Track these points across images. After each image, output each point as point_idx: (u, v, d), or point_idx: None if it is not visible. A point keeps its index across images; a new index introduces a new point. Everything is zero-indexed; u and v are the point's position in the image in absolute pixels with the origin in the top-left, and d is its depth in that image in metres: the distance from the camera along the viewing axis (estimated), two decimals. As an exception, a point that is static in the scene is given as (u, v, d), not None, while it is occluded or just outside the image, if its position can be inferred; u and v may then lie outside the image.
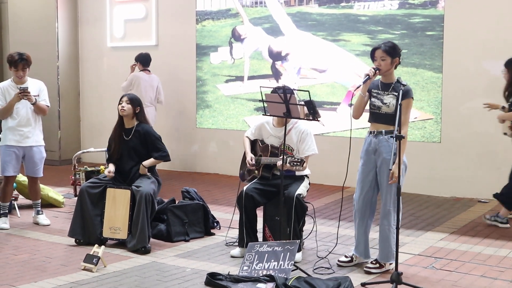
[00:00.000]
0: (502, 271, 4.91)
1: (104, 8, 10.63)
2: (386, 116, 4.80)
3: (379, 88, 4.86)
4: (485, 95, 7.69)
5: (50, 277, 4.79)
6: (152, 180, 5.72)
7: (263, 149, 5.49)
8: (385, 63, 4.77)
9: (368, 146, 4.92)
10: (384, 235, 4.89)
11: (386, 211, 4.85)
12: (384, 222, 4.88)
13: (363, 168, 4.97)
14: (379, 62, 4.78)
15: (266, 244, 4.82)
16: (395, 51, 4.80)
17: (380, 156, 4.83)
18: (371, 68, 4.79)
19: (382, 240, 4.91)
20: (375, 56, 4.82)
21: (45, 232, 6.17)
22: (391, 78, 4.84)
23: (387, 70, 4.80)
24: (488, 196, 7.59)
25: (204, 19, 9.76)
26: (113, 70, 10.67)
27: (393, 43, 4.88)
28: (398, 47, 4.86)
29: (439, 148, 7.95)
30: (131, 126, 5.83)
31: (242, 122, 9.39)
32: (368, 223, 5.01)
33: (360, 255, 5.04)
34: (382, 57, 4.77)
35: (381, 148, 4.81)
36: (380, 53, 4.78)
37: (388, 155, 4.70)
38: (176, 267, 5.05)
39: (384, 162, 4.80)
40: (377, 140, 4.85)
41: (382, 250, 4.93)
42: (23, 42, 10.58)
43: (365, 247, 5.03)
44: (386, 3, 8.30)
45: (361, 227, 5.02)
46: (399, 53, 4.83)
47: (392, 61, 4.79)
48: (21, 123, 6.25)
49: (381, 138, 4.83)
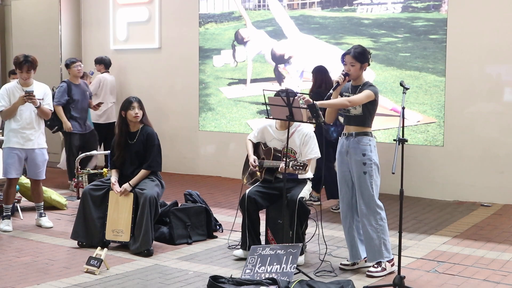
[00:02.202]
0: (505, 275, 4.90)
1: (107, 11, 10.66)
2: (355, 118, 4.93)
3: (349, 91, 4.99)
4: (488, 99, 7.70)
5: (53, 279, 4.80)
6: (156, 183, 5.72)
7: (266, 152, 5.49)
8: (354, 69, 4.90)
9: (341, 147, 5.05)
10: (366, 235, 4.96)
11: (362, 211, 4.93)
12: (364, 223, 4.94)
13: (339, 169, 5.10)
14: (348, 67, 4.91)
15: (268, 247, 4.82)
16: (364, 56, 4.91)
17: (351, 158, 4.94)
18: (340, 74, 4.91)
19: (365, 240, 4.98)
20: (345, 61, 4.93)
21: (47, 235, 6.18)
22: (360, 81, 4.97)
23: (357, 75, 4.93)
24: (491, 200, 7.59)
25: (207, 22, 9.77)
26: (116, 72, 10.67)
27: (362, 48, 4.98)
28: (367, 51, 4.97)
29: (442, 151, 7.94)
30: (136, 129, 5.83)
31: (245, 125, 9.39)
32: (350, 224, 5.07)
33: (351, 258, 5.08)
34: (351, 62, 4.90)
35: (351, 150, 4.93)
36: (350, 59, 4.91)
37: (358, 156, 4.86)
38: (179, 270, 5.05)
39: (354, 163, 4.91)
40: (348, 142, 4.96)
41: (367, 251, 4.99)
42: (26, 45, 10.61)
43: (351, 248, 5.08)
44: (389, 7, 8.30)
45: (345, 228, 5.12)
46: (367, 58, 4.95)
47: (361, 66, 4.91)
48: (24, 125, 6.26)
49: (351, 140, 4.93)
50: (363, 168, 4.88)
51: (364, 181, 4.89)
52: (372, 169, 4.87)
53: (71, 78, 8.45)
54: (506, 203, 7.51)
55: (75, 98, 8.35)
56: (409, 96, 7.89)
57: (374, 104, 4.92)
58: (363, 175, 4.88)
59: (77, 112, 8.36)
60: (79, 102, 8.38)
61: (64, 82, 8.44)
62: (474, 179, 7.76)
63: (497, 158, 7.63)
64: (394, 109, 8.06)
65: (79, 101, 8.38)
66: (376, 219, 4.89)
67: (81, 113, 8.45)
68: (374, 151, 4.93)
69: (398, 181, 4.51)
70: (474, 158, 7.77)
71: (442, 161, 7.95)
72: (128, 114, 5.75)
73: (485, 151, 7.69)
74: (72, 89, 8.35)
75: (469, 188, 7.77)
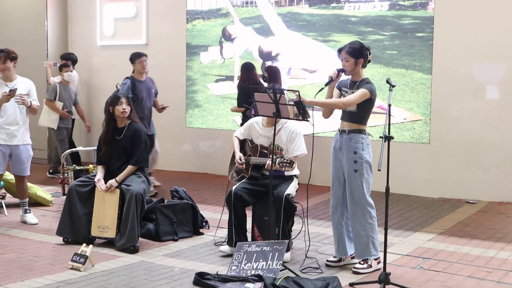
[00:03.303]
0: (490, 272, 4.94)
1: (94, 7, 10.59)
2: (349, 114, 4.92)
3: (347, 86, 4.99)
4: (474, 97, 7.75)
5: (37, 276, 4.76)
6: (143, 179, 5.70)
7: (252, 149, 5.48)
8: (348, 64, 4.89)
9: (335, 143, 5.05)
10: (354, 232, 4.97)
11: (351, 208, 4.94)
12: (353, 220, 4.96)
13: (332, 165, 5.10)
14: (344, 63, 4.91)
15: (254, 244, 4.82)
16: (359, 52, 4.89)
17: (343, 155, 4.94)
18: (335, 70, 4.91)
19: (354, 238, 5.00)
20: (341, 57, 4.93)
21: (32, 231, 6.13)
22: (358, 77, 4.95)
23: (351, 70, 4.91)
24: (476, 197, 7.64)
25: (195, 19, 9.74)
26: (102, 68, 10.63)
27: (359, 44, 4.97)
28: (365, 47, 4.93)
29: (428, 149, 7.98)
30: (123, 125, 5.81)
31: (232, 122, 9.38)
32: (339, 219, 5.07)
33: (337, 253, 5.08)
34: (346, 58, 4.90)
35: (344, 147, 4.93)
36: (344, 54, 4.91)
37: (350, 154, 4.86)
38: (165, 267, 5.03)
39: (346, 160, 4.92)
40: (341, 139, 4.96)
41: (356, 248, 5.01)
42: (12, 40, 10.49)
43: (338, 243, 5.09)
44: (376, 4, 8.32)
45: (333, 223, 5.12)
46: (364, 54, 4.91)
47: (356, 62, 4.88)
48: (8, 121, 6.20)
49: (344, 136, 4.94)
50: (353, 166, 4.87)
51: (355, 179, 4.89)
52: (363, 167, 4.86)
53: (135, 74, 7.66)
54: (491, 200, 7.56)
55: (140, 95, 7.51)
56: (395, 94, 7.92)
57: (369, 102, 4.89)
58: (354, 173, 4.88)
59: (141, 111, 7.36)
60: (143, 100, 7.56)
61: (128, 79, 7.58)
62: (460, 177, 7.81)
63: (482, 155, 7.68)
64: (381, 107, 8.07)
65: (143, 99, 7.56)
66: (365, 217, 4.89)
67: (146, 113, 7.61)
68: (367, 149, 4.91)
69: (384, 178, 4.53)
70: (459, 156, 7.81)
71: (428, 158, 7.99)
72: (116, 110, 5.75)
73: (471, 148, 7.74)
74: (136, 86, 7.52)
75: (454, 185, 7.82)
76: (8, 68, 6.20)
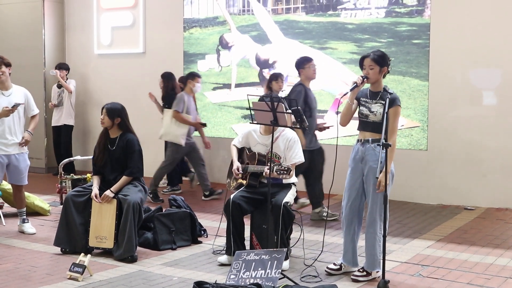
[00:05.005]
0: (489, 279, 4.93)
1: (91, 15, 10.60)
2: (373, 124, 4.82)
3: (367, 96, 4.87)
4: (471, 103, 7.77)
5: (35, 286, 4.75)
6: (139, 189, 5.68)
7: (250, 157, 5.48)
8: (373, 72, 4.78)
9: (355, 154, 4.93)
10: (370, 243, 4.89)
11: (372, 219, 4.86)
12: (370, 230, 4.88)
13: (350, 176, 4.98)
14: (367, 71, 4.79)
15: (253, 253, 4.81)
16: (384, 60, 4.81)
17: (366, 165, 4.84)
18: (359, 76, 4.80)
19: (368, 248, 4.91)
20: (364, 65, 4.83)
21: (30, 241, 6.11)
22: (379, 87, 4.85)
23: (376, 79, 4.81)
24: (474, 203, 7.64)
25: (192, 27, 9.76)
26: (100, 77, 10.63)
27: (382, 52, 4.89)
28: (387, 56, 4.87)
29: (426, 155, 7.99)
30: (115, 136, 5.78)
31: (230, 129, 9.38)
32: (355, 231, 5.01)
33: (348, 263, 5.03)
34: (371, 66, 4.78)
35: (368, 157, 4.83)
36: (369, 61, 4.79)
37: (375, 163, 4.71)
38: (163, 276, 5.02)
39: (370, 170, 4.81)
40: (364, 149, 4.86)
41: (368, 258, 4.94)
42: (9, 48, 10.49)
43: (352, 255, 5.02)
44: (372, 12, 8.35)
45: (348, 235, 5.02)
46: (387, 62, 4.84)
47: (380, 70, 4.80)
48: (5, 131, 6.19)
49: (367, 146, 4.84)
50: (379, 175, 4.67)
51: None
52: (388, 178, 4.65)
53: (303, 81, 6.81)
54: (489, 206, 7.57)
55: (312, 105, 6.79)
56: (393, 101, 7.92)
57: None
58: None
59: (311, 123, 6.66)
60: (313, 111, 6.84)
61: (301, 85, 6.77)
62: (458, 183, 7.81)
63: (480, 161, 7.69)
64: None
65: (314, 110, 6.84)
66: (381, 229, 4.75)
67: (313, 125, 6.85)
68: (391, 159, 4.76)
69: (382, 186, 4.52)
70: (457, 162, 7.82)
71: (426, 165, 7.99)
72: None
73: (468, 154, 7.75)
74: (308, 95, 6.75)
75: (452, 192, 7.82)
76: (4, 73, 6.19)
